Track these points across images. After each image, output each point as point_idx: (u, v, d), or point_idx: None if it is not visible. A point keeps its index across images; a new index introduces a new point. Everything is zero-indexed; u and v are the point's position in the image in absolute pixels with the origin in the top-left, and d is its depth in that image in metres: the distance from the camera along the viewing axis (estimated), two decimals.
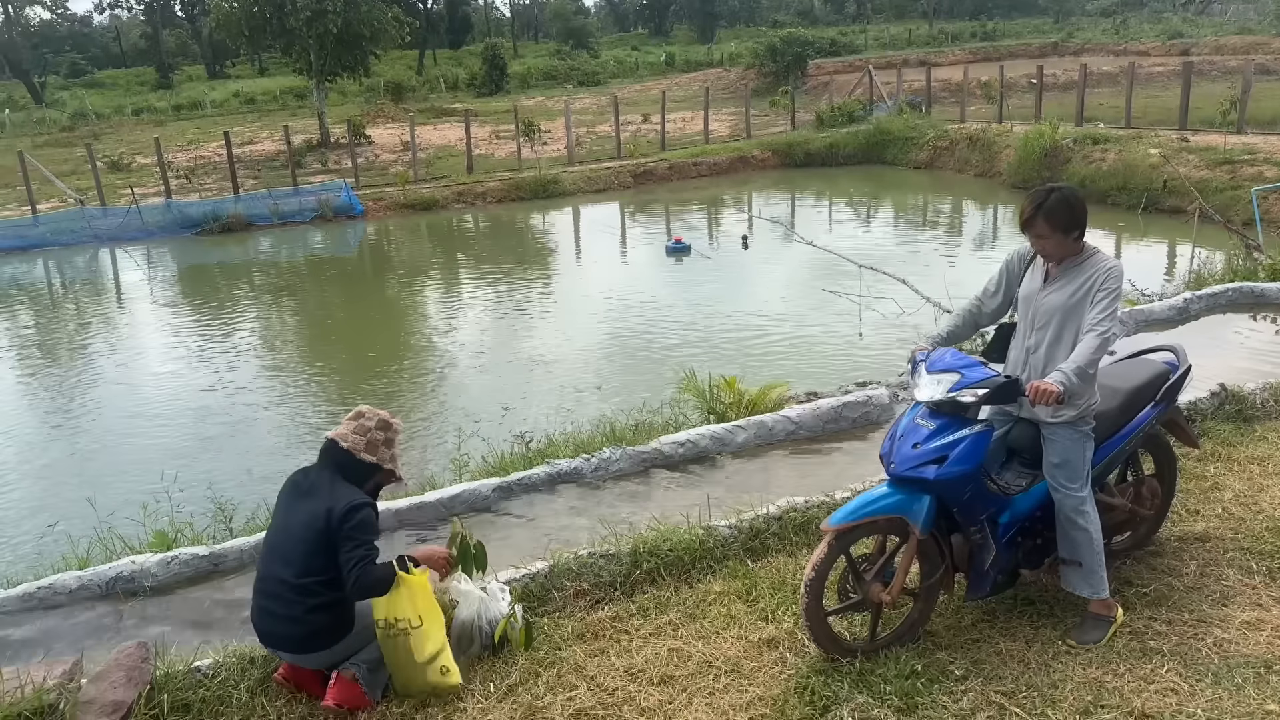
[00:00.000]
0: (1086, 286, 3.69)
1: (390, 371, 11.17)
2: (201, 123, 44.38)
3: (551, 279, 16.63)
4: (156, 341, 13.63)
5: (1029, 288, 3.91)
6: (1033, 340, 3.87)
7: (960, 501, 3.70)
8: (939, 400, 3.67)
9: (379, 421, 3.97)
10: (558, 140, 29.58)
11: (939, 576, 3.88)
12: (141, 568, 4.99)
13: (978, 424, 3.66)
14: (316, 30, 31.23)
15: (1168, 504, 4.50)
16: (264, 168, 29.51)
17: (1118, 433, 4.05)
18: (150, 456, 8.46)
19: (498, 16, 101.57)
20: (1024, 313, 3.93)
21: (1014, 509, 3.86)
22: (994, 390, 3.61)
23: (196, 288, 17.72)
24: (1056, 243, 3.72)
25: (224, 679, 4.04)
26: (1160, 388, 4.18)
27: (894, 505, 3.69)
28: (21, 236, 21.15)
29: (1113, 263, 3.74)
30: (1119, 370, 4.29)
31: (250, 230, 21.99)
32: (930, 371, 3.74)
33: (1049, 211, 3.67)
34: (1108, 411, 3.96)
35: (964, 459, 3.61)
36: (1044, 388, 3.52)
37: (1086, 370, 3.61)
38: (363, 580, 3.70)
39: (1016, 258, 4.03)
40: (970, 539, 3.80)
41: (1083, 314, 3.69)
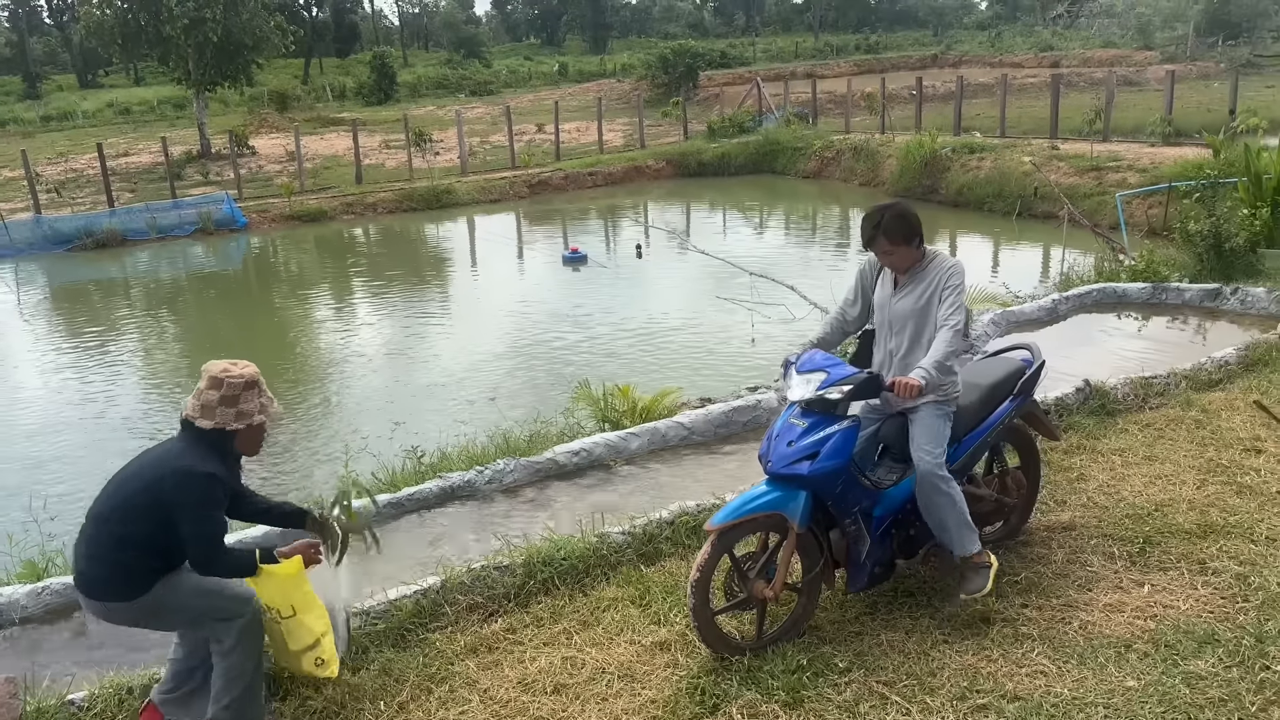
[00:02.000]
0: (933, 288, 3.97)
1: (275, 388, 10.84)
2: (73, 134, 42.41)
3: (446, 290, 16.44)
4: (26, 362, 12.93)
5: (881, 295, 4.15)
6: (893, 344, 4.12)
7: (833, 495, 3.86)
8: (809, 399, 3.83)
9: (209, 380, 3.61)
10: (450, 150, 29.27)
11: (819, 570, 4.01)
12: (10, 600, 4.73)
13: (845, 420, 3.85)
14: (195, 39, 30.19)
15: (1034, 494, 4.73)
16: (141, 180, 28.35)
17: (979, 425, 4.26)
18: (16, 483, 8.02)
19: (386, 25, 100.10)
20: (880, 319, 4.18)
21: (886, 502, 4.04)
22: (857, 386, 3.81)
23: (69, 306, 16.87)
24: (902, 255, 3.98)
25: (99, 711, 3.89)
26: (1017, 383, 4.40)
27: (772, 502, 3.81)
28: None
29: (952, 262, 4.02)
30: (979, 368, 4.54)
31: (126, 245, 21.08)
32: (800, 372, 3.91)
33: (887, 229, 3.92)
34: (968, 406, 4.17)
35: (834, 453, 3.77)
36: (907, 382, 3.77)
37: (945, 363, 3.87)
38: (209, 558, 3.50)
39: (869, 266, 4.26)
40: (846, 532, 3.97)
41: (932, 313, 3.97)
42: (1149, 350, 7.81)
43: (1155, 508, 4.85)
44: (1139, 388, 6.30)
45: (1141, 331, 8.67)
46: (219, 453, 3.59)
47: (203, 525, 3.48)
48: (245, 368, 3.70)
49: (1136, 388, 6.30)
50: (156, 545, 3.49)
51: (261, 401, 3.68)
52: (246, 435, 3.66)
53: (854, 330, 4.35)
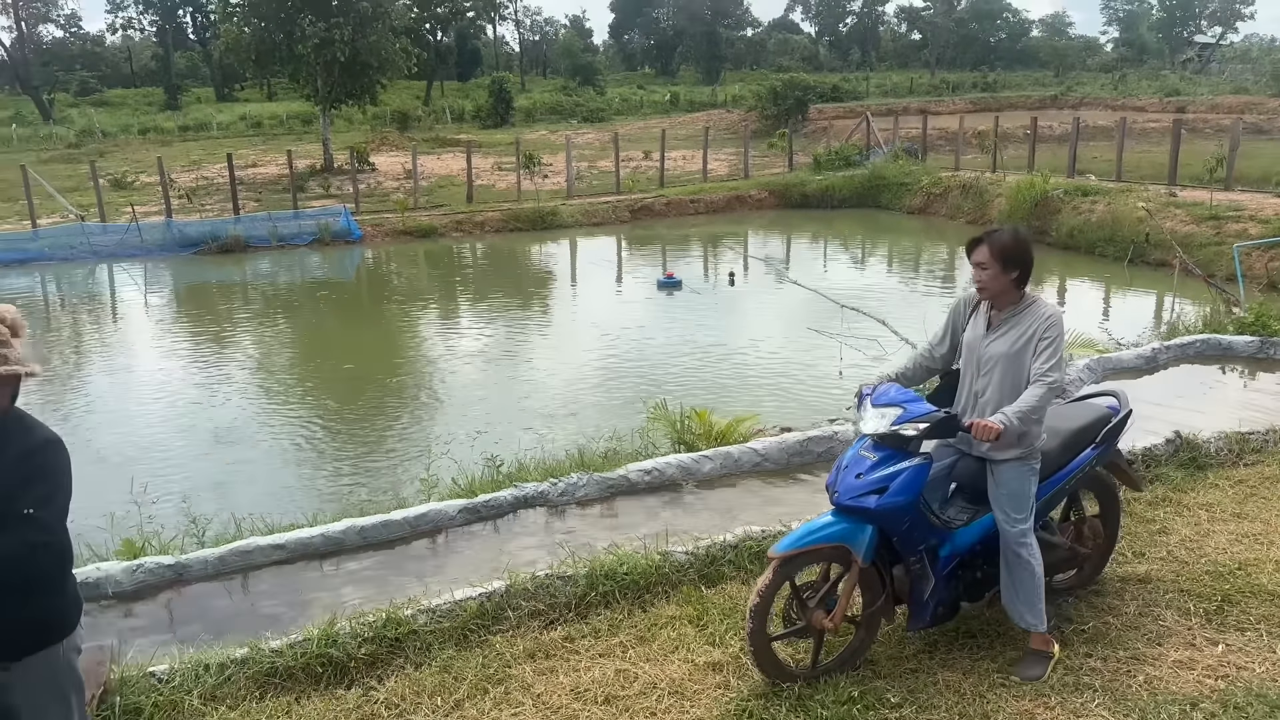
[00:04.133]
0: (1028, 335, 3.81)
1: (373, 392, 11.27)
2: (207, 144, 44.81)
3: (543, 308, 16.78)
4: (148, 356, 13.74)
5: (972, 335, 4.02)
6: (979, 385, 3.97)
7: (900, 531, 3.81)
8: (882, 433, 3.78)
9: None
10: (559, 174, 29.91)
11: (880, 605, 3.97)
12: (107, 575, 5.06)
13: (917, 457, 3.78)
14: (324, 57, 31.63)
15: (1111, 544, 4.59)
16: (266, 191, 29.79)
17: (1058, 472, 4.14)
18: (128, 467, 8.53)
19: (507, 51, 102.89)
20: (968, 359, 4.04)
21: (954, 542, 3.96)
22: (934, 425, 3.75)
23: (191, 306, 17.86)
24: (994, 275, 3.81)
25: (177, 684, 4.12)
26: (1101, 430, 4.28)
27: (837, 534, 3.79)
28: (20, 250, 21.33)
29: (1052, 310, 3.86)
30: (1063, 412, 4.39)
31: (248, 251, 22.18)
32: (874, 406, 3.85)
33: (996, 239, 3.82)
34: (1049, 451, 4.05)
35: (903, 490, 3.72)
36: (986, 425, 3.66)
37: (1030, 416, 3.73)
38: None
39: (961, 304, 4.15)
40: (910, 569, 3.91)
41: (1025, 361, 3.80)
42: (1249, 405, 7.48)
43: (1239, 566, 4.66)
44: (1234, 443, 6.06)
45: (1244, 386, 8.30)
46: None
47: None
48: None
49: (1231, 443, 6.06)
50: None
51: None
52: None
53: (939, 369, 4.25)
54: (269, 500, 7.31)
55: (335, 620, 4.43)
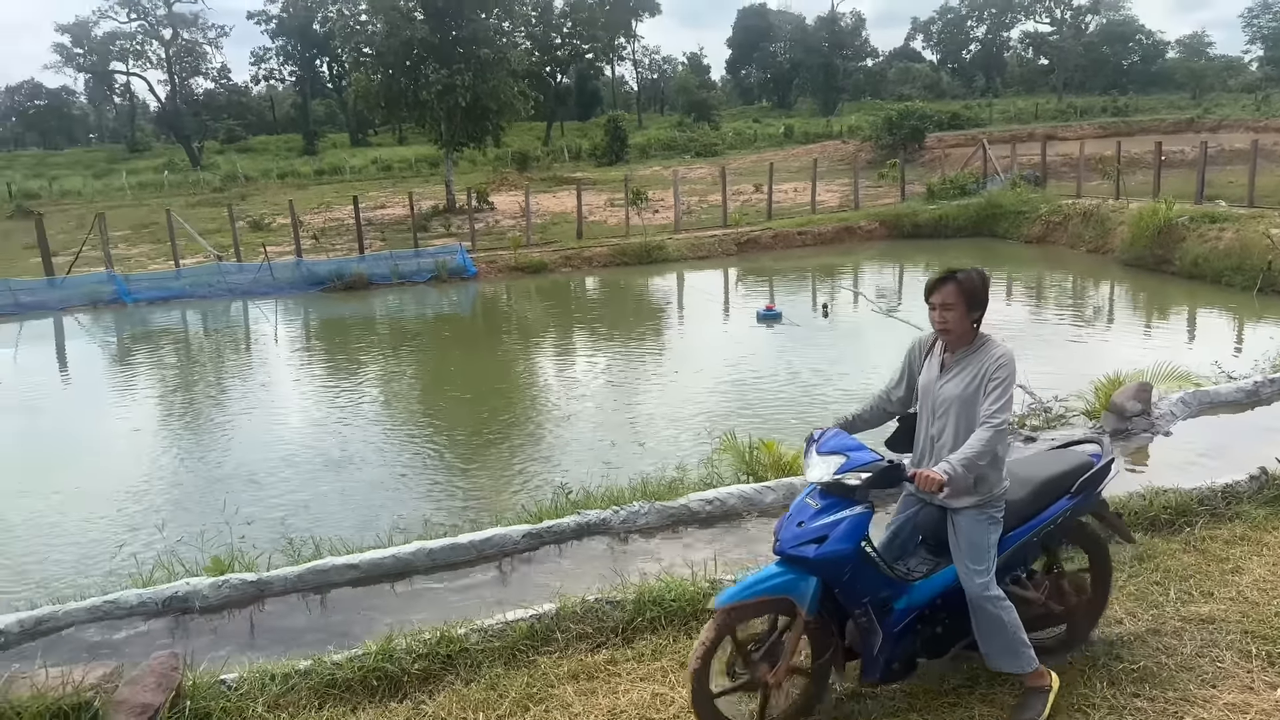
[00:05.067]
0: (980, 377, 3.71)
1: (478, 420, 11.66)
2: (340, 187, 47.26)
3: (641, 341, 17.01)
4: (277, 386, 14.60)
5: (927, 377, 3.94)
6: (934, 429, 3.88)
7: (840, 582, 3.67)
8: (827, 481, 3.69)
9: None
10: (668, 208, 30.30)
11: (828, 658, 3.84)
12: (194, 589, 5.46)
13: (859, 506, 3.67)
14: (447, 103, 33.09)
15: (1102, 600, 4.37)
16: (390, 230, 31.22)
17: (1026, 522, 3.98)
18: (248, 490, 9.09)
19: (625, 90, 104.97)
20: (923, 402, 3.95)
21: (912, 595, 3.82)
22: (877, 474, 3.62)
23: (316, 339, 18.89)
24: (959, 316, 3.75)
25: (245, 692, 4.42)
26: (1077, 479, 4.08)
27: (780, 585, 3.68)
28: (165, 288, 22.99)
29: (1003, 351, 3.75)
30: (1035, 460, 4.24)
31: (371, 288, 23.25)
32: (820, 453, 3.77)
33: (965, 280, 3.74)
34: (1016, 500, 3.91)
35: (843, 539, 3.61)
36: (928, 475, 3.54)
37: (976, 461, 3.60)
38: None
39: (917, 347, 4.06)
40: (856, 622, 3.77)
41: (978, 403, 3.71)
42: None
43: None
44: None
45: None
46: None
47: None
48: None
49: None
50: None
51: None
52: None
53: (896, 412, 4.15)
54: (367, 522, 7.67)
55: (392, 637, 4.67)
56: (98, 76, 78.06)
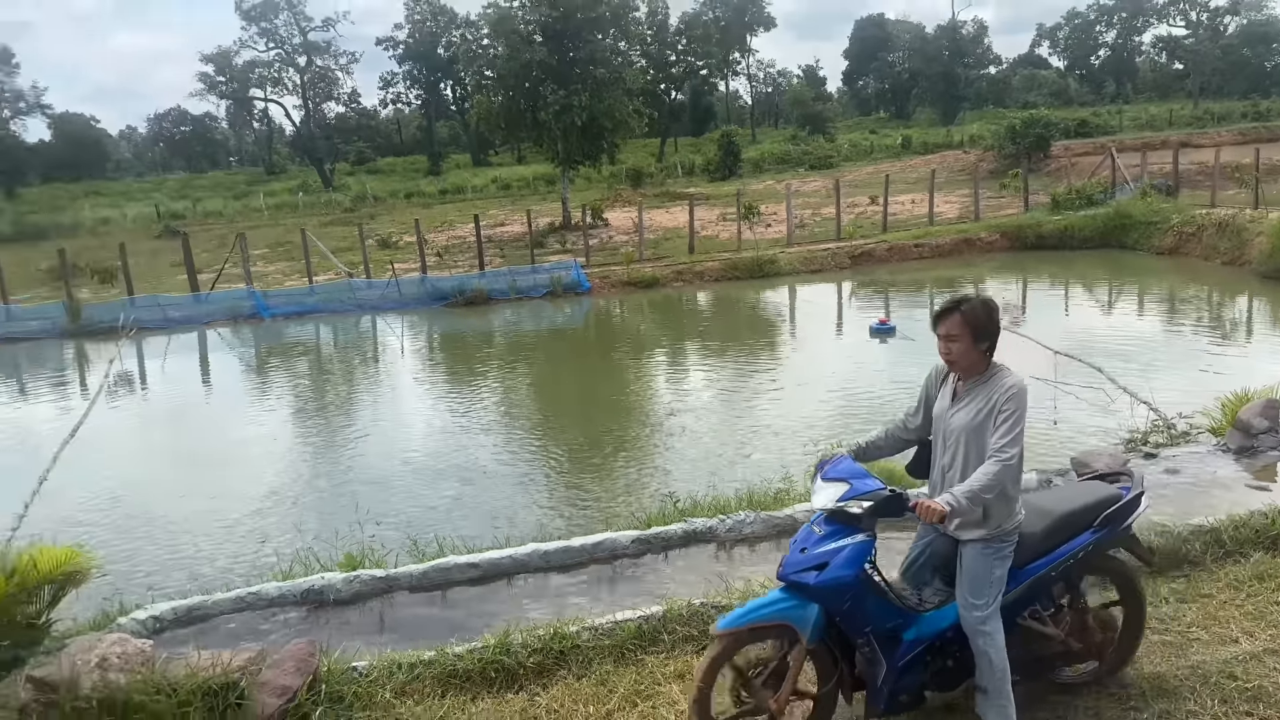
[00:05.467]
0: (990, 408, 3.66)
1: (592, 430, 11.97)
2: (463, 206, 48.86)
3: (750, 353, 17.08)
4: (403, 396, 15.30)
5: (940, 406, 3.91)
6: (946, 459, 3.85)
7: (841, 611, 3.66)
8: (830, 509, 3.69)
9: None
10: (781, 222, 30.26)
11: (832, 686, 3.82)
12: (329, 583, 5.86)
13: (862, 534, 3.65)
14: (563, 123, 33.92)
15: (1135, 636, 4.25)
16: (509, 247, 32.15)
17: (1043, 557, 3.91)
18: (371, 491, 9.61)
19: (739, 105, 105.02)
20: (936, 431, 3.92)
21: (922, 626, 3.80)
22: (879, 503, 3.61)
23: (440, 352, 19.66)
24: (965, 348, 3.71)
25: (374, 679, 4.75)
26: (1101, 513, 3.99)
27: (781, 612, 3.68)
28: (299, 303, 24.28)
29: (1014, 382, 3.68)
30: (1058, 493, 4.17)
31: (490, 303, 24.01)
32: (824, 479, 3.78)
33: (970, 310, 3.70)
34: (1032, 533, 3.85)
35: (843, 566, 3.60)
36: (929, 506, 3.51)
37: (981, 494, 3.56)
38: None
39: (934, 374, 4.02)
40: (860, 651, 3.76)
41: (988, 434, 3.66)
42: None
43: None
44: None
45: None
46: None
47: None
48: None
49: None
50: None
51: None
52: None
53: (913, 439, 4.11)
54: (486, 525, 8.01)
55: (509, 632, 4.95)
56: (238, 103, 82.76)
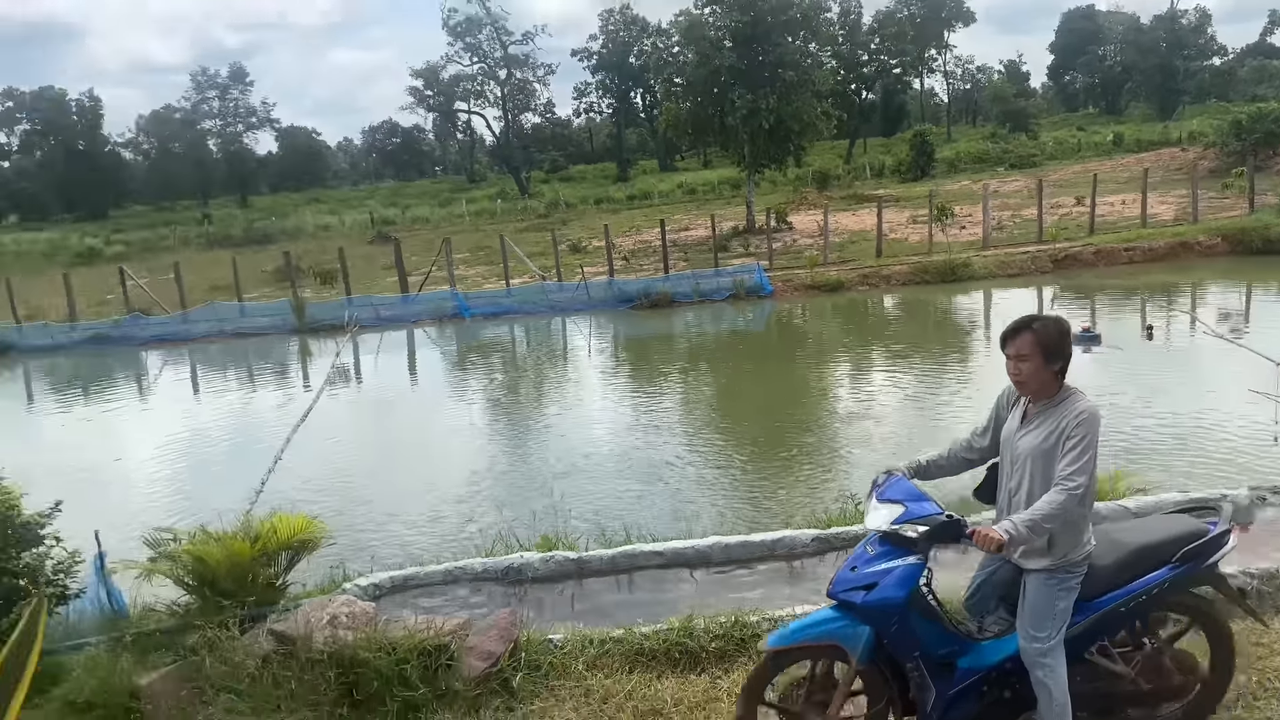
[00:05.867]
0: (1059, 433, 3.52)
1: (775, 430, 12.10)
2: (649, 211, 49.84)
3: (938, 359, 16.65)
4: (590, 392, 15.94)
5: (1009, 429, 3.76)
6: (1013, 483, 3.70)
7: (889, 633, 3.58)
8: (885, 530, 3.62)
9: None
10: (978, 224, 29.21)
11: (881, 708, 3.74)
12: (527, 562, 6.30)
13: (914, 556, 3.58)
14: (750, 126, 34.03)
15: (1224, 680, 3.94)
16: (693, 251, 32.59)
17: (1113, 591, 3.71)
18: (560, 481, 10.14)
19: (935, 103, 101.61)
20: (1004, 454, 3.78)
21: (979, 655, 3.69)
22: (935, 528, 3.53)
23: (625, 352, 20.29)
24: (1035, 369, 3.57)
25: (568, 651, 5.10)
26: (1181, 549, 3.73)
27: (831, 631, 3.62)
28: (496, 305, 25.60)
29: (1085, 407, 3.52)
30: (1137, 524, 3.99)
31: (674, 306, 24.47)
32: (880, 500, 3.70)
33: (1042, 330, 3.55)
34: (1103, 566, 3.68)
35: (892, 588, 3.53)
36: (987, 534, 3.40)
37: (1042, 524, 3.42)
38: None
39: (1005, 395, 3.88)
40: (909, 676, 3.66)
41: (1056, 460, 3.52)
42: None
43: None
44: None
45: None
46: None
47: None
48: None
49: None
50: None
51: None
52: None
53: (978, 461, 3.97)
54: (669, 516, 8.35)
55: (692, 617, 5.18)
56: (444, 115, 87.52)
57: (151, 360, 23.19)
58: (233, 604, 5.29)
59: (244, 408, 16.95)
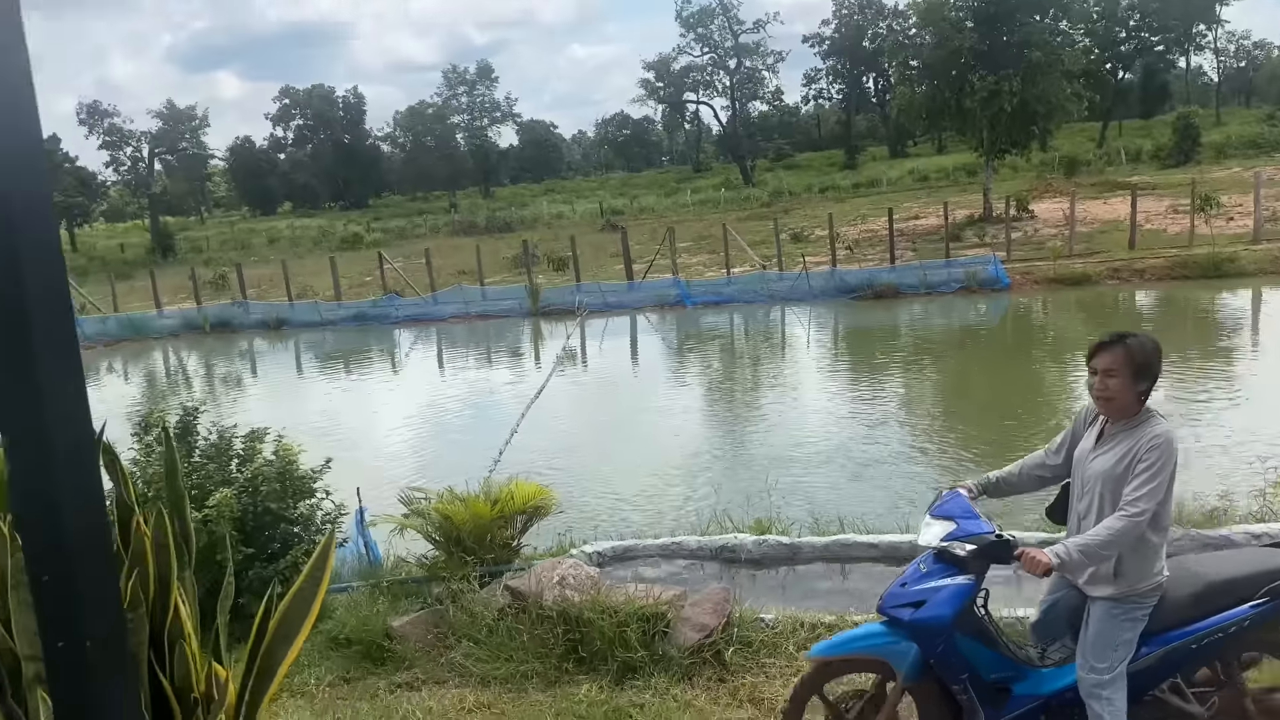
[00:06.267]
0: (1132, 456, 3.28)
1: (1003, 428, 11.64)
2: (876, 199, 48.60)
3: (1194, 362, 15.30)
4: (808, 385, 15.92)
5: (1082, 448, 3.54)
6: (1082, 506, 3.49)
7: (934, 652, 3.45)
8: (935, 547, 3.51)
9: None
10: (1248, 215, 26.48)
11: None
12: (740, 543, 6.48)
13: (964, 576, 3.43)
14: (990, 110, 32.44)
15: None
16: (922, 241, 31.53)
17: (1186, 626, 3.45)
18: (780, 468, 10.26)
19: (1202, 83, 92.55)
20: (1076, 474, 3.56)
21: (1039, 682, 3.54)
22: (982, 547, 3.39)
23: (845, 344, 20.03)
24: (1123, 385, 3.30)
25: (779, 630, 5.22)
26: (1267, 585, 3.42)
27: (877, 646, 3.55)
28: (717, 293, 25.93)
29: (1161, 431, 3.27)
30: (1220, 556, 3.81)
31: (898, 298, 23.84)
32: (933, 516, 3.60)
33: (1136, 345, 3.31)
34: (1176, 598, 3.43)
35: (939, 606, 3.41)
36: (1034, 557, 3.23)
37: (1099, 550, 3.22)
38: None
39: (1084, 413, 3.66)
40: (956, 698, 3.52)
41: (1126, 484, 3.29)
42: None
43: None
44: None
45: None
46: None
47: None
48: None
49: None
50: None
51: None
52: None
53: (1049, 478, 3.74)
54: (881, 510, 8.25)
55: None
56: (673, 106, 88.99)
57: (403, 337, 25.28)
58: (473, 560, 5.78)
59: (482, 383, 18.18)
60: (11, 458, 1.28)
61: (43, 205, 1.31)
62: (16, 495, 1.32)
